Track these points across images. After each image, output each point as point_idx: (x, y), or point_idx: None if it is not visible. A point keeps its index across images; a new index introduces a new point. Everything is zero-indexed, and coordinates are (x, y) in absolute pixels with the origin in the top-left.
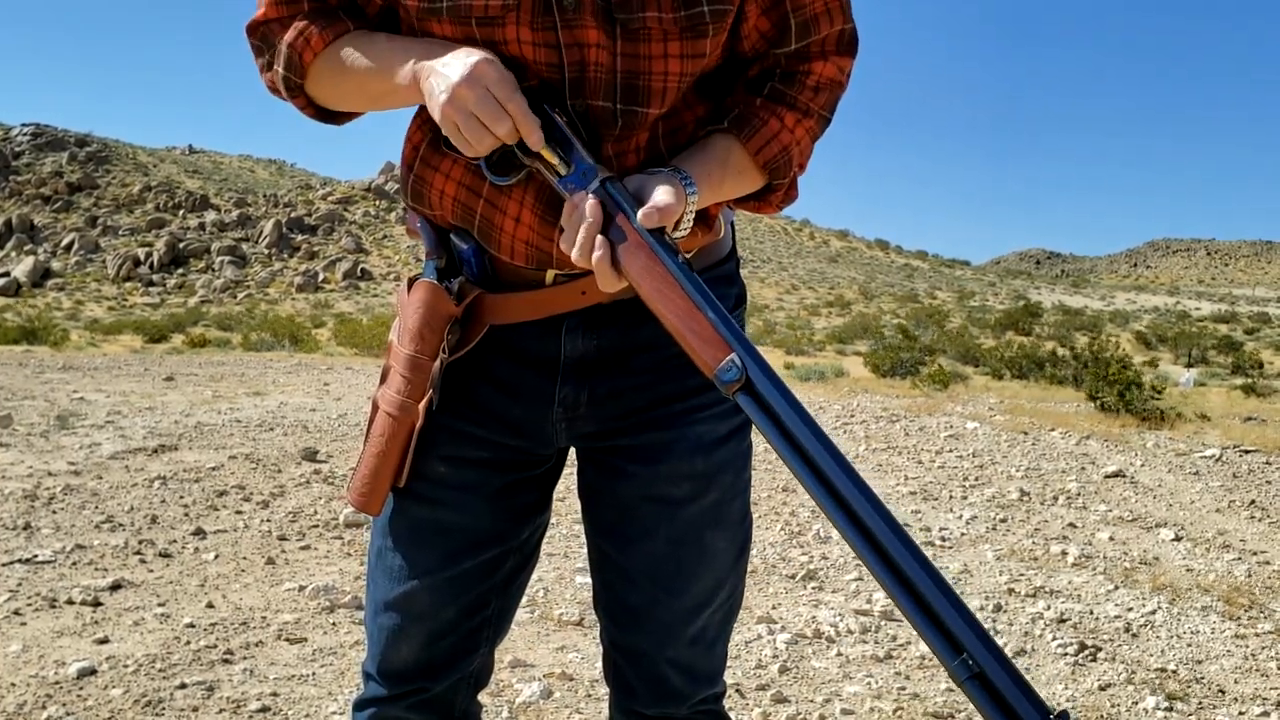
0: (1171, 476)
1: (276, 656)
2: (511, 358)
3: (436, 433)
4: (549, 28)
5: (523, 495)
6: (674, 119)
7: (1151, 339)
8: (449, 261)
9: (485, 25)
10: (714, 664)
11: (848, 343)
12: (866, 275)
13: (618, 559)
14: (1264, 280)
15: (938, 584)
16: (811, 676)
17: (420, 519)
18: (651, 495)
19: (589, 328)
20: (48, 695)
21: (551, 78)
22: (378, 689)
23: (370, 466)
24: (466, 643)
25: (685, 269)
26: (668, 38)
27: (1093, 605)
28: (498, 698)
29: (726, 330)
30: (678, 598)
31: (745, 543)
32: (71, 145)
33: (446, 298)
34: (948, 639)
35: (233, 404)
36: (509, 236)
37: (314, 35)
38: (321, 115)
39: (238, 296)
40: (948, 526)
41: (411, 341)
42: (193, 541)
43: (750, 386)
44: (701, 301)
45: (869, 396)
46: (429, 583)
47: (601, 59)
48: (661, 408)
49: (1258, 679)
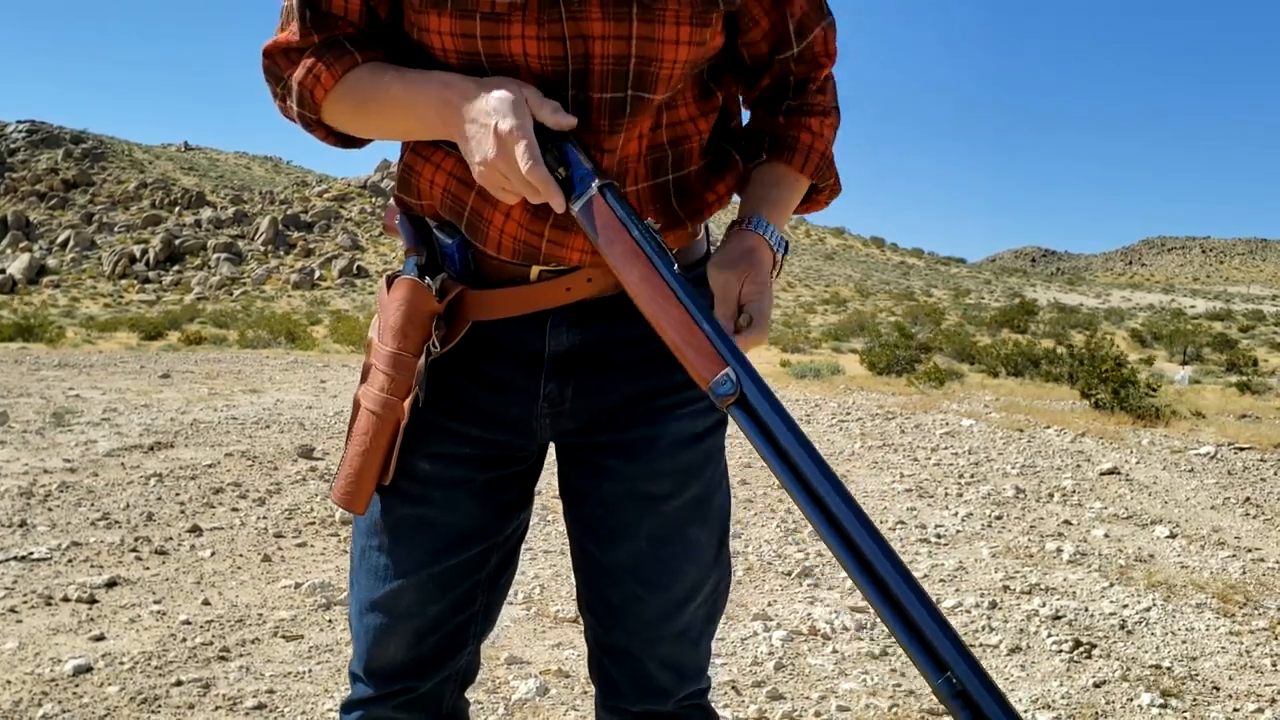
0: (1166, 474)
1: (273, 654)
2: (495, 353)
3: (421, 429)
4: (554, 20)
5: (506, 491)
6: (674, 112)
7: (1147, 337)
8: (430, 258)
9: (490, 20)
10: (699, 660)
11: (844, 340)
12: (862, 273)
13: (600, 557)
14: (1259, 278)
15: (923, 603)
16: (807, 673)
17: (405, 517)
18: (633, 492)
19: (573, 323)
20: (44, 693)
21: (554, 72)
22: (365, 689)
23: (354, 465)
24: (453, 640)
25: (682, 281)
26: (679, 21)
27: (1088, 602)
28: (494, 694)
29: (722, 344)
30: (661, 594)
31: (724, 535)
32: (67, 142)
33: (428, 294)
34: (932, 657)
35: (229, 401)
36: (498, 230)
37: (323, 73)
38: (343, 142)
39: (234, 293)
40: (943, 524)
41: (394, 339)
42: (189, 539)
43: (745, 401)
44: (698, 314)
45: (865, 394)
46: (414, 580)
47: (609, 49)
48: (643, 403)
49: (1252, 676)
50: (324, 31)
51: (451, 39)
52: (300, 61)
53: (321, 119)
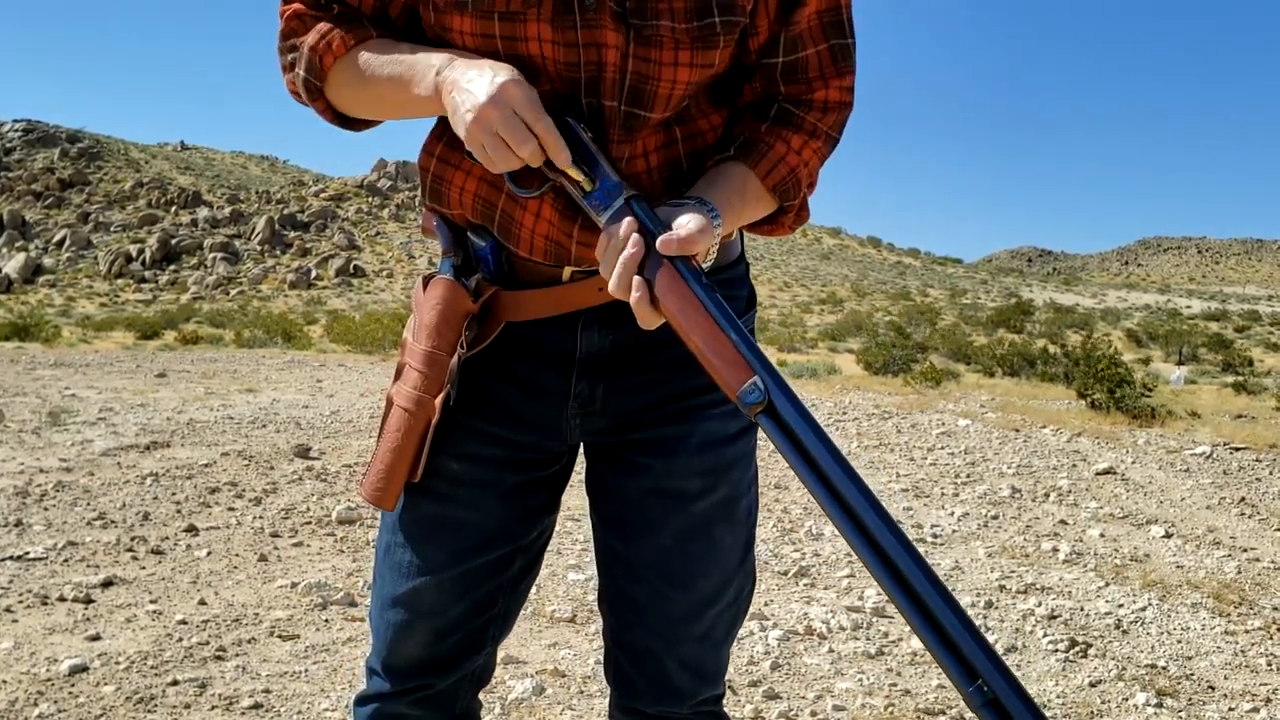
0: (1162, 474)
1: (269, 653)
2: (527, 354)
3: (451, 429)
4: (569, 26)
5: (534, 495)
6: (690, 125)
7: (1142, 337)
8: (465, 259)
9: (507, 21)
10: (719, 664)
11: (840, 340)
12: (859, 273)
13: (625, 553)
14: (1254, 278)
15: (955, 612)
16: (803, 673)
17: (432, 515)
18: (662, 489)
19: (604, 324)
20: (39, 692)
21: (569, 77)
22: (381, 684)
23: (385, 462)
24: (472, 641)
25: (709, 290)
26: (679, 46)
27: (1083, 602)
28: (490, 694)
29: (749, 353)
30: (685, 593)
31: (750, 540)
32: (63, 141)
33: (464, 294)
34: (964, 665)
35: (225, 401)
36: (529, 231)
37: (335, 39)
38: (341, 121)
39: (230, 293)
40: (939, 523)
41: (428, 338)
42: (185, 538)
43: (773, 409)
44: (725, 323)
45: (861, 394)
46: (437, 579)
47: (618, 61)
48: (674, 403)
49: (1247, 675)
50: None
51: (473, 39)
52: (314, 27)
53: (325, 89)
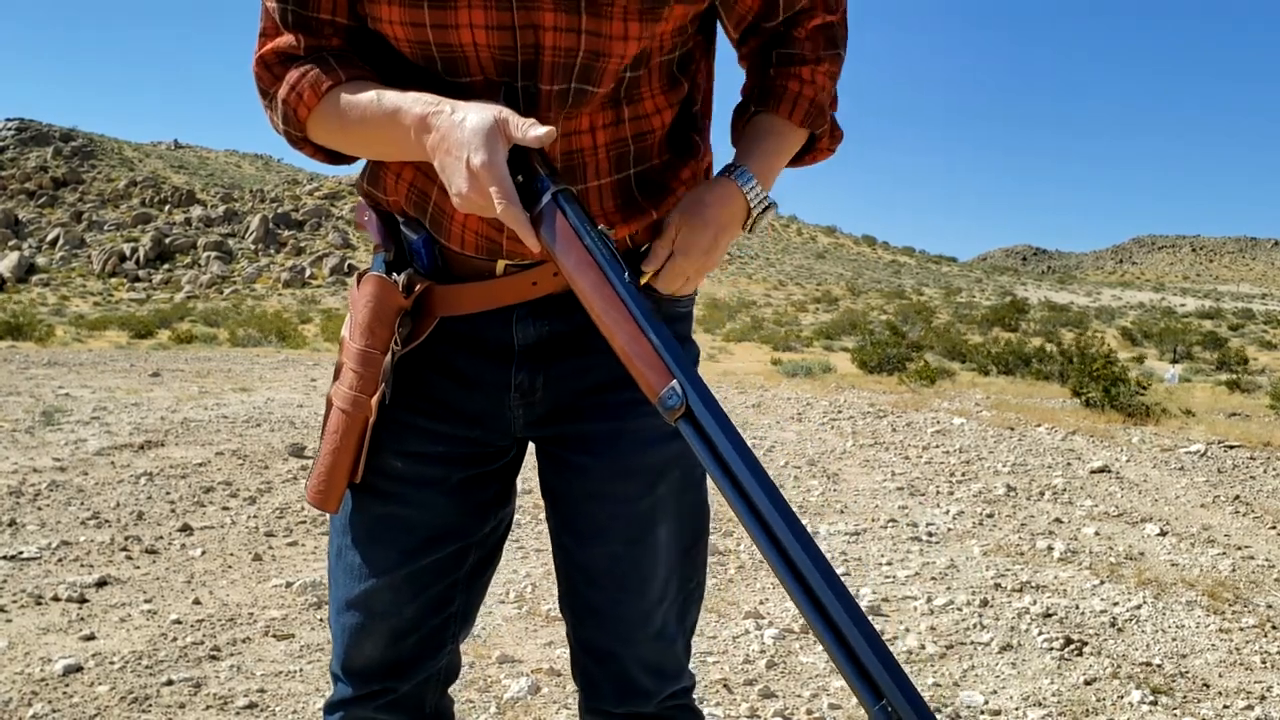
0: (1156, 472)
1: (263, 653)
2: (465, 348)
3: (394, 428)
4: (504, 8)
5: (483, 489)
6: (638, 106)
7: (1137, 335)
8: (398, 254)
9: (437, 7)
10: (678, 660)
11: (835, 339)
12: (854, 271)
13: (578, 556)
14: (1248, 276)
15: (862, 629)
16: (799, 671)
17: (378, 516)
18: (604, 493)
19: (538, 315)
20: (33, 692)
21: (503, 61)
22: (345, 689)
23: (326, 463)
24: (432, 642)
25: (632, 290)
26: (627, 17)
27: (1078, 600)
28: (485, 693)
29: (669, 356)
30: (638, 598)
31: (698, 533)
32: (56, 140)
33: (395, 290)
34: (869, 684)
35: (219, 400)
36: (459, 226)
37: (306, 90)
38: (333, 159)
39: (224, 292)
40: (934, 522)
41: (362, 336)
42: (179, 538)
43: (690, 414)
44: (646, 325)
45: (856, 392)
46: (389, 580)
47: (560, 41)
48: (610, 393)
49: (1242, 673)
50: (304, 30)
51: (402, 28)
52: (284, 77)
53: (308, 137)
